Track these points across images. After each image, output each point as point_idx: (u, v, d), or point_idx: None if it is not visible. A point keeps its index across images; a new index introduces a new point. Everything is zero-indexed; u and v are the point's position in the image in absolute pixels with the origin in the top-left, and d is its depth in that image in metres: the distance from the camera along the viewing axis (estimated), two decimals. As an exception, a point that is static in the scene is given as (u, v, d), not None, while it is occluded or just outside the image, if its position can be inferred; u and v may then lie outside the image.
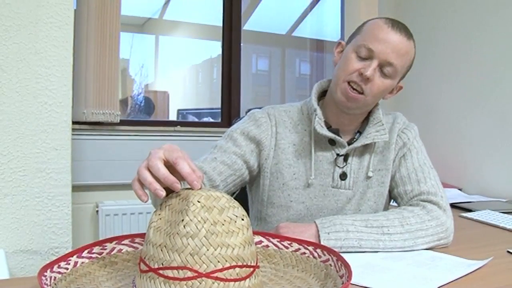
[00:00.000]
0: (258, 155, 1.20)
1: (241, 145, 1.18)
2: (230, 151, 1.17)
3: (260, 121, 1.21)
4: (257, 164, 1.21)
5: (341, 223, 1.04)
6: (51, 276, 0.70)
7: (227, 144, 1.18)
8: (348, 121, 1.20)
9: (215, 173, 1.13)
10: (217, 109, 2.91)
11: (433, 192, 1.15)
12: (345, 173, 1.19)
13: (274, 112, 1.24)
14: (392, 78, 1.11)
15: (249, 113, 1.27)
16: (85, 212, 2.31)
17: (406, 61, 1.11)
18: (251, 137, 1.19)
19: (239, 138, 1.19)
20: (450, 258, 1.01)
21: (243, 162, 1.18)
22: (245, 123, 1.23)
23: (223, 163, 1.15)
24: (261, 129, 1.20)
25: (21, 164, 1.75)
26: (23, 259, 1.77)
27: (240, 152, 1.17)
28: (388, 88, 1.13)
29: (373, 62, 1.07)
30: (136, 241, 0.86)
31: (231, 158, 1.16)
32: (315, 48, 3.34)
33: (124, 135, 2.36)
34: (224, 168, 1.14)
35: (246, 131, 1.20)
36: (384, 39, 1.07)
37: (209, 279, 0.62)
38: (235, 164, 1.16)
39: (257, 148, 1.20)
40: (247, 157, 1.18)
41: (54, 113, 1.79)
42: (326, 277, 0.79)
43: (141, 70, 3.04)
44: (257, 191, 1.25)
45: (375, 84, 1.09)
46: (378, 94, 1.12)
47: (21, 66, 1.73)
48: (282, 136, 1.20)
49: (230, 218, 0.66)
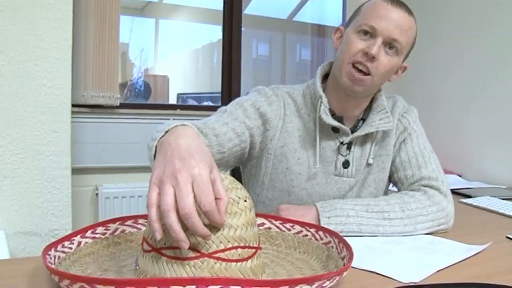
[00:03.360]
0: (262, 134, 1.15)
1: (250, 117, 1.11)
2: (241, 119, 1.10)
3: (271, 99, 1.16)
4: (259, 142, 1.15)
5: (341, 208, 1.03)
6: (55, 255, 0.70)
7: (237, 112, 1.11)
8: (352, 107, 1.17)
9: (225, 139, 1.05)
10: (217, 94, 2.90)
11: (434, 177, 1.15)
12: (348, 161, 1.17)
13: (281, 93, 1.20)
14: (397, 56, 1.08)
15: (257, 88, 1.21)
16: (84, 195, 2.32)
17: (410, 38, 1.09)
18: (261, 112, 1.13)
19: (249, 109, 1.12)
20: (450, 242, 1.01)
21: (249, 135, 1.11)
22: (255, 97, 1.16)
23: (233, 130, 1.07)
24: (272, 108, 1.15)
25: (21, 146, 1.75)
26: (23, 241, 1.78)
27: (249, 124, 1.11)
28: (394, 67, 1.10)
29: (377, 40, 1.05)
30: (139, 222, 0.86)
31: (241, 127, 1.09)
32: (316, 33, 3.32)
33: (124, 118, 2.36)
34: (234, 136, 1.07)
35: (257, 105, 1.14)
36: (386, 16, 1.05)
37: (211, 259, 0.62)
38: (243, 135, 1.09)
39: (263, 125, 1.14)
40: (254, 131, 1.12)
41: (53, 95, 1.79)
42: (327, 259, 0.80)
43: (140, 54, 3.02)
44: (258, 173, 1.21)
45: (381, 63, 1.06)
46: (385, 74, 1.09)
47: (19, 48, 1.72)
48: (290, 118, 1.17)
49: (233, 200, 0.66)
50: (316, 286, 0.61)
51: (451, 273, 0.82)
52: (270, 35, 3.48)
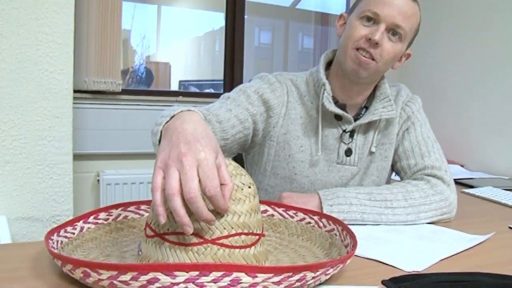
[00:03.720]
0: (265, 120, 1.15)
1: (253, 103, 1.11)
2: (244, 106, 1.10)
3: (274, 86, 1.16)
4: (262, 129, 1.15)
5: (344, 196, 1.03)
6: (57, 240, 0.70)
7: (240, 98, 1.11)
8: (356, 93, 1.16)
9: (228, 125, 1.06)
10: (219, 81, 2.89)
11: (437, 166, 1.14)
12: (350, 149, 1.17)
13: (285, 80, 1.19)
14: (401, 42, 1.07)
15: (260, 75, 1.20)
16: (86, 181, 2.32)
17: (413, 24, 1.08)
18: (265, 99, 1.13)
19: (252, 96, 1.12)
20: (452, 232, 1.01)
21: (252, 122, 1.11)
22: (258, 83, 1.16)
23: (236, 117, 1.07)
24: (275, 94, 1.15)
25: (22, 132, 1.75)
26: (25, 226, 1.78)
27: (252, 111, 1.11)
28: (398, 54, 1.09)
29: (380, 26, 1.04)
30: (141, 208, 0.86)
31: (244, 114, 1.09)
32: (320, 22, 3.29)
33: (125, 104, 2.35)
34: (237, 122, 1.07)
35: (260, 91, 1.13)
36: (389, 2, 1.04)
37: (214, 246, 0.62)
38: (246, 122, 1.09)
39: (266, 112, 1.14)
40: (257, 117, 1.12)
41: (55, 80, 1.78)
42: (330, 247, 0.80)
43: (142, 41, 3.00)
44: (260, 160, 1.20)
45: (384, 49, 1.05)
46: (389, 60, 1.08)
47: (21, 32, 1.70)
48: (293, 106, 1.17)
49: (237, 186, 0.66)
50: (320, 273, 0.61)
51: (454, 263, 0.82)
52: (273, 23, 3.45)
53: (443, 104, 2.50)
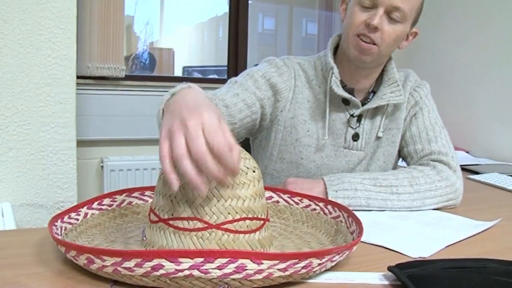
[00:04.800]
0: (273, 105, 1.15)
1: (261, 88, 1.11)
2: (251, 91, 1.09)
3: (282, 70, 1.15)
4: (270, 113, 1.15)
5: (349, 181, 1.02)
6: (61, 226, 0.70)
7: (247, 83, 1.11)
8: (363, 78, 1.15)
9: (236, 110, 1.06)
10: (222, 67, 2.87)
11: (444, 152, 1.13)
12: (358, 134, 1.17)
13: (292, 64, 1.18)
14: (402, 23, 1.06)
15: (268, 59, 1.20)
16: (90, 168, 2.32)
17: (414, 3, 1.06)
18: (272, 83, 1.13)
19: (260, 80, 1.12)
20: (458, 218, 1.00)
21: (260, 107, 1.11)
22: (265, 67, 1.15)
23: (244, 101, 1.07)
24: (283, 78, 1.14)
25: (26, 118, 1.74)
26: (29, 213, 1.79)
27: (259, 95, 1.10)
28: (401, 35, 1.08)
29: (378, 10, 1.03)
30: (146, 194, 0.85)
31: (251, 98, 1.09)
32: (324, 7, 3.25)
33: (129, 90, 2.34)
34: (244, 107, 1.07)
35: (268, 75, 1.13)
36: None
37: (219, 231, 0.62)
38: (253, 106, 1.09)
39: (274, 96, 1.14)
40: (264, 102, 1.11)
41: (58, 66, 1.77)
42: (336, 233, 0.79)
43: (146, 27, 2.98)
44: (267, 144, 1.20)
45: (385, 32, 1.04)
46: (392, 43, 1.07)
47: (23, 17, 1.69)
48: (301, 90, 1.16)
49: (241, 170, 0.65)
50: (326, 260, 0.61)
51: (460, 249, 0.81)
52: (276, 9, 3.42)
53: (449, 90, 2.48)
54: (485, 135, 2.28)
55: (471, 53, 2.38)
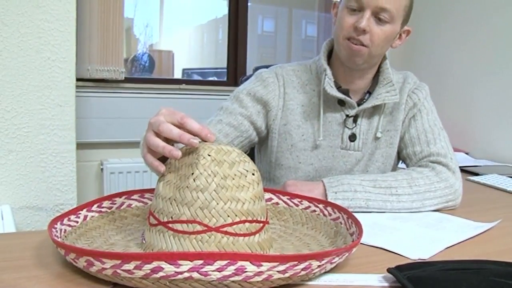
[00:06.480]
0: (265, 116, 1.18)
1: (247, 106, 1.16)
2: (236, 112, 1.15)
3: (267, 81, 1.18)
4: (265, 125, 1.19)
5: (348, 183, 1.02)
6: (61, 228, 0.70)
7: (232, 106, 1.16)
8: (357, 79, 1.16)
9: (221, 135, 1.12)
10: (222, 69, 2.87)
11: (443, 153, 1.13)
12: (354, 134, 1.17)
13: (282, 71, 1.21)
14: (391, 23, 1.06)
15: (256, 73, 1.24)
16: (89, 170, 2.32)
17: (401, 2, 1.06)
18: (258, 98, 1.17)
19: (245, 99, 1.17)
20: (458, 219, 1.00)
21: (250, 123, 1.16)
22: (251, 83, 1.20)
23: (229, 124, 1.13)
24: (268, 90, 1.17)
25: (25, 121, 1.74)
26: (29, 215, 1.79)
27: (246, 113, 1.15)
28: (390, 35, 1.09)
29: (365, 13, 1.04)
30: (145, 196, 0.85)
31: (237, 119, 1.14)
32: (324, 9, 3.26)
33: (128, 92, 2.34)
34: (230, 130, 1.13)
35: (252, 91, 1.17)
36: None
37: (218, 233, 0.62)
38: (241, 126, 1.15)
39: (264, 109, 1.18)
40: (253, 118, 1.16)
41: (57, 68, 1.77)
42: (336, 235, 0.79)
43: (145, 30, 2.99)
44: (265, 152, 1.23)
45: (374, 34, 1.05)
46: (382, 43, 1.08)
47: (22, 20, 1.69)
48: (291, 96, 1.18)
49: (240, 173, 0.65)
50: (325, 262, 0.61)
51: (460, 250, 0.81)
52: (276, 11, 3.42)
53: (448, 91, 2.48)
54: (484, 136, 2.28)
55: (470, 54, 2.38)
